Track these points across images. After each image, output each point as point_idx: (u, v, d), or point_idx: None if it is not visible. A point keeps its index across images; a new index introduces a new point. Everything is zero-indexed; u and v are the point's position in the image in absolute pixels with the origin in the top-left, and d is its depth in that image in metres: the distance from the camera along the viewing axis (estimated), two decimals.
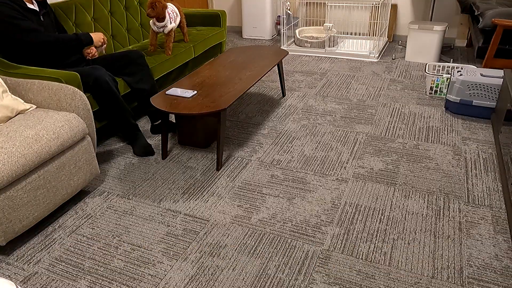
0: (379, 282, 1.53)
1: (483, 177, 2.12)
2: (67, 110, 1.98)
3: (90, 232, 1.85)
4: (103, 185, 2.19)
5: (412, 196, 1.99)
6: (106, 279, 1.60)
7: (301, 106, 3.00)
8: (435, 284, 1.52)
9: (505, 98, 2.33)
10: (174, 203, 2.02)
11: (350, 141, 2.51)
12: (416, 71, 3.61)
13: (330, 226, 1.82)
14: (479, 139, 2.46)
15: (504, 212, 1.86)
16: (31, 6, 2.25)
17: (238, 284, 1.56)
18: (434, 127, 2.62)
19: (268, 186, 2.12)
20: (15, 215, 1.66)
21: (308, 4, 4.69)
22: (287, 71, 3.73)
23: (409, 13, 4.34)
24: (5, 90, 1.94)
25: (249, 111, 2.97)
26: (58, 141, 1.80)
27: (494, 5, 3.06)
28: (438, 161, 2.26)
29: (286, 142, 2.53)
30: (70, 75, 2.18)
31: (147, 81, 2.58)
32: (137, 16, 3.43)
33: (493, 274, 1.55)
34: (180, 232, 1.83)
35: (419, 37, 3.72)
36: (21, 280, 1.61)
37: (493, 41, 2.77)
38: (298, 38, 4.29)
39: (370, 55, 3.96)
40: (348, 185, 2.10)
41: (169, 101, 2.19)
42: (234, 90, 2.32)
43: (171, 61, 3.01)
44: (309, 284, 1.54)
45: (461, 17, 4.14)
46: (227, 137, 2.62)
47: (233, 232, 1.82)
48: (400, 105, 2.96)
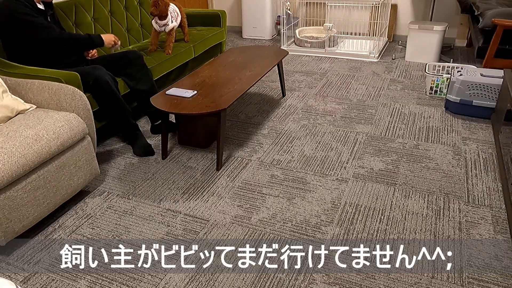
0: (379, 282, 1.53)
1: (483, 177, 2.12)
2: (67, 110, 1.98)
3: (90, 232, 1.85)
4: (103, 185, 2.19)
5: (412, 196, 1.99)
6: (106, 279, 1.60)
7: (301, 106, 3.00)
8: (435, 284, 1.52)
9: (505, 98, 2.33)
10: (174, 203, 2.02)
11: (350, 141, 2.51)
12: (416, 71, 3.61)
13: (330, 226, 1.82)
14: (479, 139, 2.46)
15: (504, 212, 1.86)
16: (40, 7, 2.27)
17: (238, 284, 1.56)
18: (434, 127, 2.62)
19: (268, 186, 2.12)
20: (15, 215, 1.66)
21: (308, 4, 4.69)
22: (287, 71, 3.73)
23: (409, 13, 4.34)
24: (5, 90, 1.93)
25: (249, 111, 2.97)
26: (58, 141, 1.80)
27: (494, 5, 3.06)
28: (438, 161, 2.26)
29: (286, 142, 2.53)
30: (70, 75, 2.18)
31: (146, 82, 2.58)
32: (137, 16, 3.43)
33: (493, 274, 1.55)
34: (180, 232, 1.83)
35: (419, 37, 3.72)
36: (21, 280, 1.61)
37: (493, 41, 2.77)
38: (298, 38, 4.29)
39: (370, 55, 3.96)
40: (348, 185, 2.10)
41: (169, 101, 2.19)
42: (234, 90, 2.32)
43: (170, 61, 3.01)
44: (309, 284, 1.54)
45: (461, 17, 4.14)
46: (227, 137, 2.62)
47: (233, 232, 1.82)
48: (400, 105, 2.96)
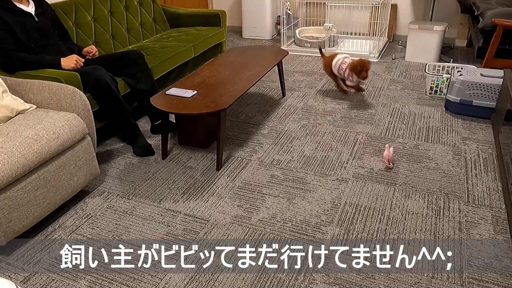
0: (379, 282, 1.53)
1: (483, 177, 2.12)
2: (67, 110, 1.98)
3: (90, 232, 1.85)
4: (103, 185, 2.19)
5: (412, 196, 1.99)
6: (106, 279, 1.60)
7: (301, 106, 3.00)
8: (435, 284, 1.52)
9: (505, 98, 2.32)
10: (174, 203, 2.02)
11: (350, 141, 2.51)
12: (416, 71, 3.61)
13: (330, 226, 1.82)
14: (479, 139, 2.46)
15: (504, 212, 1.86)
16: (20, 6, 2.23)
17: (238, 284, 1.56)
18: (434, 127, 2.62)
19: (268, 186, 2.12)
20: (15, 215, 1.66)
21: (308, 4, 4.69)
22: (287, 71, 3.73)
23: (409, 13, 4.34)
24: (5, 90, 1.93)
25: (249, 111, 2.97)
26: (58, 141, 1.80)
27: (494, 5, 3.06)
28: (438, 161, 2.26)
29: (286, 142, 2.53)
30: (70, 75, 2.18)
31: (147, 81, 2.57)
32: (137, 16, 3.43)
33: (493, 274, 1.55)
34: (180, 232, 1.83)
35: (419, 37, 3.72)
36: (21, 280, 1.61)
37: (493, 41, 2.77)
38: (298, 38, 4.29)
39: (370, 55, 3.96)
40: (348, 185, 2.10)
41: (169, 101, 2.19)
42: (234, 90, 2.32)
43: (171, 61, 3.01)
44: (309, 284, 1.54)
45: (461, 17, 4.14)
46: (227, 137, 2.62)
47: (233, 232, 1.82)
48: (400, 105, 2.96)
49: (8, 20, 2.16)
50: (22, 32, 2.22)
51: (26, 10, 2.26)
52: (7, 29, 2.17)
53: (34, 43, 2.28)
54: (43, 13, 2.36)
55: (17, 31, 2.19)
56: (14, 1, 2.23)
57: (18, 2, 2.24)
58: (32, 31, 2.27)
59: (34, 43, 2.28)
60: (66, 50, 2.43)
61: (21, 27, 2.22)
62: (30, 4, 2.30)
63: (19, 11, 2.23)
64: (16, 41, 2.21)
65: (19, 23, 2.21)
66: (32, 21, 2.27)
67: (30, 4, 2.31)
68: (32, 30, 2.27)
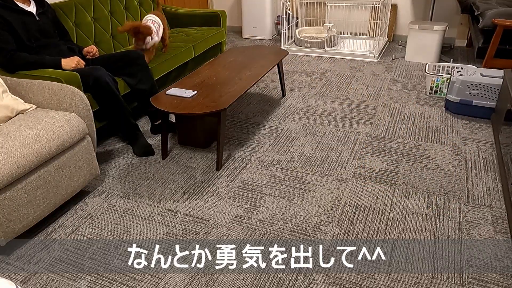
0: (379, 282, 1.53)
1: (483, 177, 2.12)
2: (67, 110, 1.98)
3: (90, 232, 1.85)
4: (103, 185, 2.19)
5: (412, 196, 1.99)
6: (106, 279, 1.60)
7: (301, 106, 3.00)
8: (435, 284, 1.52)
9: (505, 98, 2.33)
10: (174, 203, 2.02)
11: (350, 141, 2.51)
12: (416, 71, 3.61)
13: (330, 226, 1.82)
14: (479, 139, 2.46)
15: (504, 212, 1.86)
16: (22, 6, 2.24)
17: (238, 284, 1.56)
18: (434, 127, 2.62)
19: (268, 186, 2.12)
20: (15, 215, 1.66)
21: (308, 4, 4.69)
22: (287, 71, 3.73)
23: (409, 13, 4.34)
24: (5, 90, 1.93)
25: (249, 111, 2.97)
26: (58, 141, 1.80)
27: (494, 5, 3.06)
28: (438, 161, 2.26)
29: (286, 142, 2.53)
30: (70, 75, 2.18)
31: (147, 82, 2.57)
32: (137, 16, 3.43)
33: (493, 274, 1.55)
34: (180, 232, 1.83)
35: (419, 37, 3.72)
36: (21, 280, 1.61)
37: (493, 41, 2.77)
38: (298, 38, 4.29)
39: (370, 55, 3.96)
40: (348, 185, 2.10)
41: (169, 101, 2.19)
42: (234, 90, 2.32)
43: (171, 61, 3.01)
44: (309, 284, 1.54)
45: (461, 17, 4.14)
46: (227, 137, 2.62)
47: (233, 232, 1.82)
48: (400, 105, 2.96)
49: (10, 19, 2.16)
50: (24, 31, 2.22)
51: (27, 9, 2.26)
52: (9, 29, 2.17)
53: (35, 43, 2.28)
54: (44, 13, 2.37)
55: (19, 30, 2.20)
56: (16, 1, 2.23)
57: (20, 2, 2.24)
58: (33, 31, 2.27)
59: (35, 43, 2.28)
60: (66, 50, 2.43)
61: (23, 27, 2.22)
62: (31, 4, 2.30)
63: (21, 10, 2.23)
64: (17, 41, 2.21)
65: (20, 23, 2.21)
66: (33, 20, 2.28)
67: (32, 4, 2.31)
68: (34, 30, 2.27)
